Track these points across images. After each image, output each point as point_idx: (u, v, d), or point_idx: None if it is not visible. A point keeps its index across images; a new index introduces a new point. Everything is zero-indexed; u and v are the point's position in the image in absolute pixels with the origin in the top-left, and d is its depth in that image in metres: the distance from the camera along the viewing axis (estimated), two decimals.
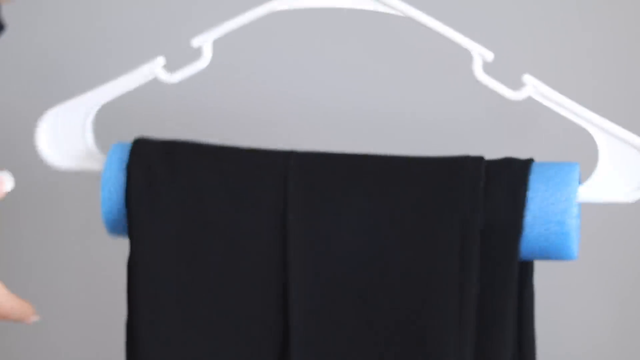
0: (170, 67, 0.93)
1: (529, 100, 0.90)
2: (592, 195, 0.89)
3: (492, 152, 0.91)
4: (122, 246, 0.95)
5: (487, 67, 0.90)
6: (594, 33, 1.24)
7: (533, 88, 0.89)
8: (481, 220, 0.86)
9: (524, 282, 0.90)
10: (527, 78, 0.89)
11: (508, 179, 0.86)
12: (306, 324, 0.88)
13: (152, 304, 0.89)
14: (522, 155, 0.89)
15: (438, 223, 0.86)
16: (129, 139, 0.95)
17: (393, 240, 0.87)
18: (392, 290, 0.87)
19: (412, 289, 0.87)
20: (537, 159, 0.89)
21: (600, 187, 0.89)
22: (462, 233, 0.86)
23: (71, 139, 0.95)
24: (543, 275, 0.97)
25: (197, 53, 0.92)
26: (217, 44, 0.92)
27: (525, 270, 0.90)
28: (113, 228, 0.92)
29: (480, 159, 0.88)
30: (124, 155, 0.91)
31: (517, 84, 0.90)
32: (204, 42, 0.92)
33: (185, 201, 0.89)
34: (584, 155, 0.92)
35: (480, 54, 0.89)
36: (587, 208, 0.92)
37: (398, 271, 0.87)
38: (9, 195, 0.82)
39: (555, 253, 0.87)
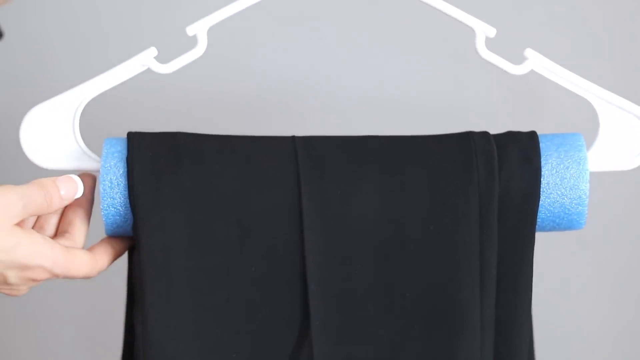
0: (165, 56, 0.90)
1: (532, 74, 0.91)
2: (595, 164, 0.91)
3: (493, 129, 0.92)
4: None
5: (490, 43, 0.90)
6: (594, 7, 1.26)
7: (535, 62, 0.90)
8: (497, 191, 0.87)
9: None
10: (529, 52, 0.90)
11: (520, 148, 0.88)
12: (326, 304, 0.87)
13: (165, 294, 0.86)
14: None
15: (455, 197, 0.87)
16: (115, 131, 0.91)
17: (409, 216, 0.87)
18: (411, 265, 0.87)
19: (431, 263, 0.87)
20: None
21: (602, 156, 0.91)
22: (480, 204, 0.86)
23: (60, 136, 0.90)
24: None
25: (192, 41, 0.89)
26: (212, 31, 0.90)
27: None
28: (113, 224, 0.88)
29: (486, 133, 0.89)
30: (121, 149, 0.88)
31: (520, 59, 0.90)
32: (199, 29, 0.89)
33: (193, 190, 0.86)
34: (581, 130, 0.93)
35: (483, 30, 0.90)
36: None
37: (416, 246, 0.87)
38: None
39: (567, 221, 0.89)
